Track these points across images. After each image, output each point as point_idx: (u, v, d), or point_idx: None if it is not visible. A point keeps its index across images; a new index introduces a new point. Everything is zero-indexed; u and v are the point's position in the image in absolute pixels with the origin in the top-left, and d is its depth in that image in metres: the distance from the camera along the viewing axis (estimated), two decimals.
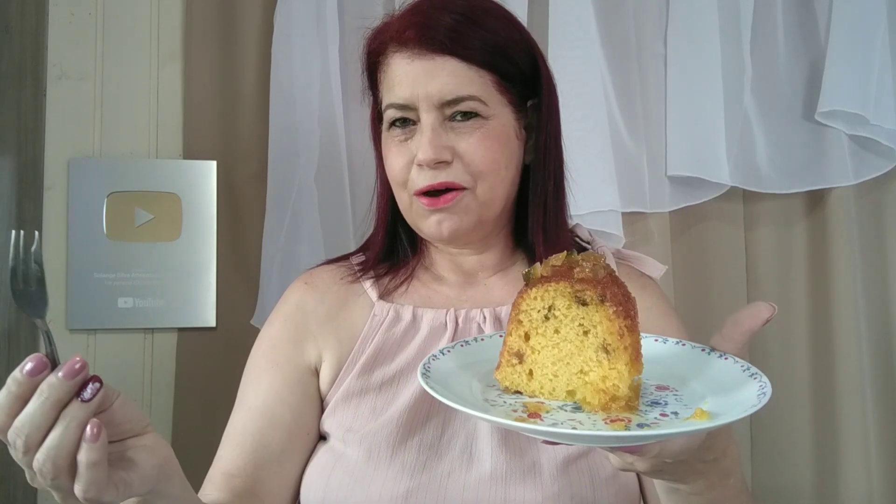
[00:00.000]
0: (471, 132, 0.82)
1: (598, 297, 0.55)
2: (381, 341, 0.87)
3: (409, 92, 0.82)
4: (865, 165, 1.44)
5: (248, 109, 1.34)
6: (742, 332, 0.58)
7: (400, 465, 0.78)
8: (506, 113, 0.85)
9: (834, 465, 1.44)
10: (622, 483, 0.78)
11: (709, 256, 1.49)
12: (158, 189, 1.31)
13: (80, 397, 0.55)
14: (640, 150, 1.41)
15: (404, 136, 0.84)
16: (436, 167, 0.82)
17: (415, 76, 0.82)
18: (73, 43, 1.31)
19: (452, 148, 0.82)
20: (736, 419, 0.50)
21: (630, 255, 0.96)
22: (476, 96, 0.81)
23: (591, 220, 1.32)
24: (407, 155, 0.84)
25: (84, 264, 1.28)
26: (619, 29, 1.41)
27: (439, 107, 0.82)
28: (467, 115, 0.82)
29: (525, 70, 0.86)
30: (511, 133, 0.86)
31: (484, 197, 0.84)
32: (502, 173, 0.85)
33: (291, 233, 1.31)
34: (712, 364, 0.60)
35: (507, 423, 0.51)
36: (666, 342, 0.65)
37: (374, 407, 0.83)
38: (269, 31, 1.33)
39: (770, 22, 1.45)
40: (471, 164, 0.82)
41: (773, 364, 1.48)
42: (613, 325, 0.55)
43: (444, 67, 0.81)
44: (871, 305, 1.46)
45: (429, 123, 0.82)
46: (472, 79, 0.81)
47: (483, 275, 0.92)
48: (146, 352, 1.32)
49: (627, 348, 0.55)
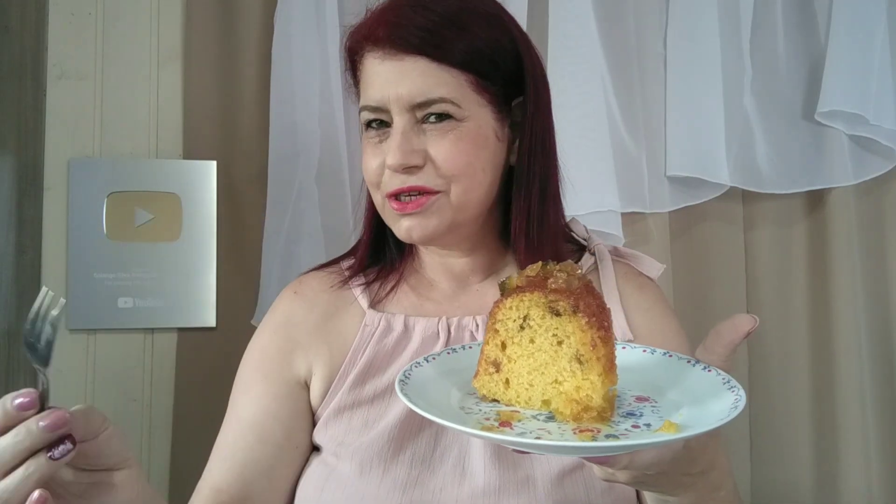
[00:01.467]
0: (443, 134, 0.79)
1: (572, 307, 0.55)
2: (373, 353, 0.85)
3: (380, 94, 0.80)
4: (865, 165, 1.44)
5: (248, 109, 1.34)
6: (724, 343, 0.57)
7: (392, 481, 0.76)
8: (483, 114, 0.81)
9: (833, 464, 1.44)
10: (618, 495, 0.77)
11: (708, 257, 1.49)
12: (158, 189, 1.31)
13: (51, 454, 0.55)
14: (640, 151, 1.41)
15: (379, 138, 0.82)
16: (406, 171, 0.79)
17: (385, 77, 0.79)
18: (73, 43, 1.31)
19: (424, 151, 0.79)
20: (701, 432, 0.50)
21: (628, 253, 0.94)
22: (448, 98, 0.78)
23: (590, 220, 1.31)
24: (380, 156, 0.82)
25: (84, 264, 1.28)
26: (619, 29, 1.41)
27: (410, 109, 0.79)
28: (441, 116, 0.79)
29: (508, 69, 0.83)
30: (489, 134, 0.82)
31: (458, 200, 0.81)
32: (479, 176, 0.81)
33: (292, 233, 1.31)
34: (694, 376, 0.60)
35: (470, 432, 0.51)
36: (654, 353, 0.65)
37: (367, 420, 0.82)
38: (269, 31, 1.33)
39: (770, 22, 1.45)
40: (443, 168, 0.79)
41: (773, 364, 1.49)
42: (586, 336, 0.55)
43: (415, 68, 0.78)
44: (870, 305, 1.46)
45: (399, 127, 0.79)
46: (445, 80, 0.78)
47: (474, 279, 0.90)
48: (146, 352, 1.32)
49: (600, 359, 0.55)
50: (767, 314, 1.49)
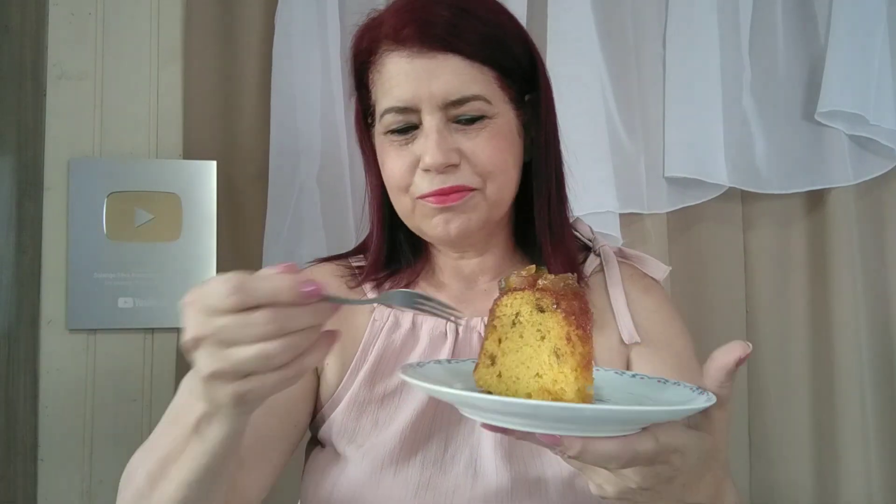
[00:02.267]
0: (477, 132, 0.79)
1: (553, 303, 0.58)
2: (383, 348, 0.85)
3: (411, 93, 0.78)
4: (865, 165, 1.44)
5: (248, 109, 1.34)
6: (717, 367, 0.56)
7: (404, 482, 0.76)
8: (508, 110, 0.82)
9: (833, 464, 1.44)
10: None
11: (707, 257, 1.49)
12: (158, 189, 1.31)
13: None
14: (638, 151, 1.41)
15: (405, 140, 0.80)
16: (444, 171, 0.78)
17: (416, 76, 0.77)
18: (73, 43, 1.32)
19: (459, 149, 0.79)
20: (665, 412, 0.51)
21: (633, 254, 0.94)
22: (481, 95, 0.78)
23: (588, 220, 1.30)
24: (408, 157, 0.80)
25: (84, 264, 1.28)
26: (618, 29, 1.41)
27: (443, 108, 0.78)
28: (473, 117, 0.79)
29: (524, 64, 0.83)
30: (514, 130, 0.83)
31: (494, 197, 0.81)
32: (510, 172, 0.82)
33: (293, 233, 1.31)
34: (668, 391, 0.62)
35: (430, 388, 0.54)
36: (622, 374, 0.68)
37: (377, 420, 0.81)
38: (269, 31, 1.33)
39: (769, 22, 1.45)
40: (479, 165, 0.79)
41: (773, 365, 1.49)
42: (562, 330, 0.57)
43: (448, 65, 0.77)
44: (870, 306, 1.46)
45: (433, 125, 0.78)
46: (476, 77, 0.78)
47: (483, 279, 0.90)
48: (146, 352, 1.32)
49: (575, 354, 0.57)
50: (766, 315, 1.49)
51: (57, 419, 1.27)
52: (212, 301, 0.52)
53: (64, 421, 1.27)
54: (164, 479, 0.62)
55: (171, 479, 0.62)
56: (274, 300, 0.52)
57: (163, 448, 0.62)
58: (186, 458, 0.60)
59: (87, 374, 1.29)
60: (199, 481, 0.61)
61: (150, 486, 0.63)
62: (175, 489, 0.62)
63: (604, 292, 0.87)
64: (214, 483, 0.63)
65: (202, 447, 0.59)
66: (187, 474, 0.61)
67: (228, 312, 0.52)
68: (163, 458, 0.62)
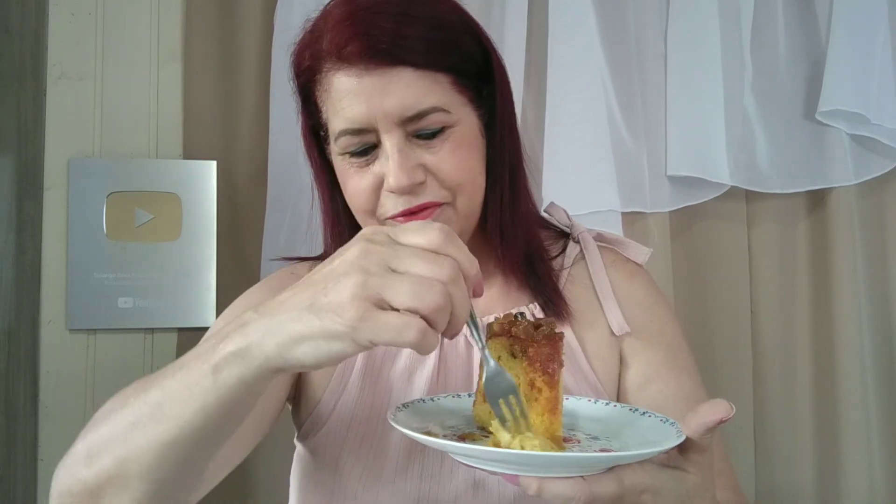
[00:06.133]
0: (440, 144, 0.74)
1: (521, 351, 0.62)
2: (368, 352, 0.81)
3: (365, 114, 0.72)
4: (866, 165, 1.44)
5: (248, 109, 1.34)
6: (699, 423, 0.55)
7: (403, 495, 0.74)
8: (468, 113, 0.77)
9: (836, 464, 1.44)
10: None
11: (709, 256, 1.48)
12: (158, 189, 1.31)
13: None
14: (640, 150, 1.41)
15: (365, 162, 0.76)
16: (411, 190, 0.74)
17: (367, 95, 0.72)
18: (73, 43, 1.32)
19: (423, 165, 0.74)
20: (609, 458, 0.51)
21: (613, 238, 0.91)
22: (438, 106, 0.73)
23: (590, 220, 1.31)
24: (370, 178, 0.75)
25: (84, 264, 1.28)
26: (619, 28, 1.41)
27: (400, 124, 0.73)
28: (433, 131, 0.74)
29: (477, 59, 0.78)
30: (477, 133, 0.78)
31: (465, 210, 0.77)
32: (478, 180, 0.78)
33: (292, 233, 1.31)
34: (639, 422, 0.63)
35: (413, 435, 0.55)
36: (596, 402, 0.69)
37: (374, 430, 0.78)
38: (269, 31, 1.33)
39: (770, 21, 1.45)
40: (446, 180, 0.74)
41: (775, 363, 1.48)
42: (527, 377, 0.61)
43: (398, 80, 0.71)
44: (872, 305, 1.46)
45: (394, 145, 0.73)
46: (429, 87, 0.73)
47: None
48: (146, 352, 1.32)
49: (540, 400, 0.59)
50: (769, 313, 1.49)
51: (57, 419, 1.27)
52: (434, 240, 0.52)
53: (64, 421, 1.27)
54: (152, 420, 0.56)
55: (160, 420, 0.55)
56: (464, 267, 0.53)
57: (161, 388, 0.56)
58: (188, 397, 0.54)
59: (87, 374, 1.29)
60: (200, 427, 0.54)
61: (130, 427, 0.58)
62: (165, 430, 0.55)
63: (588, 283, 0.84)
64: (207, 444, 0.57)
65: (213, 384, 0.53)
66: (190, 415, 0.54)
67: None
68: (159, 400, 0.56)
